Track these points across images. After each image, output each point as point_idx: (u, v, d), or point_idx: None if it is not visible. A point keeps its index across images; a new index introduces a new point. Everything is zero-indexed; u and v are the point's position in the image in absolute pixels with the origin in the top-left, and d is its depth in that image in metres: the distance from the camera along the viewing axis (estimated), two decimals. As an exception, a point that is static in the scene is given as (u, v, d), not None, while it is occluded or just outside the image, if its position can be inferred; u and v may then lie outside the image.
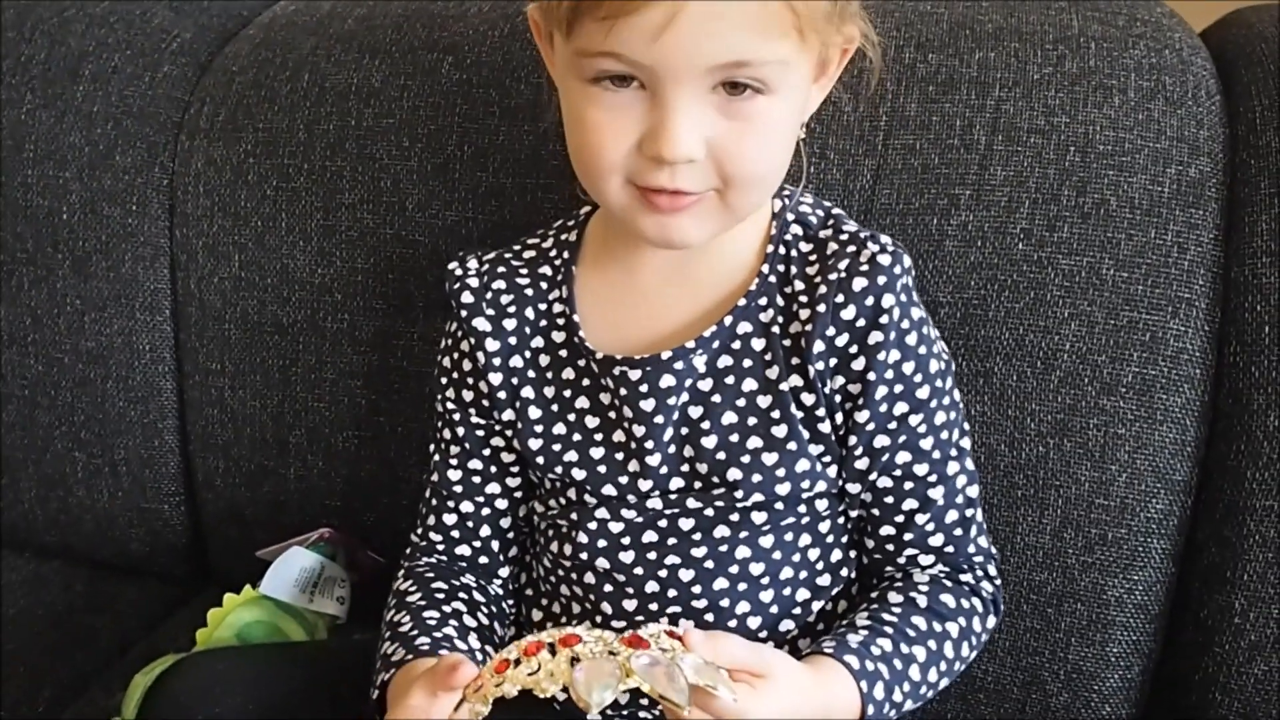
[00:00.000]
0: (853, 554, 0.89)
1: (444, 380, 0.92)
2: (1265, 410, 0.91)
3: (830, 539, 0.87)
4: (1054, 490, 0.95)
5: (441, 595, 0.89)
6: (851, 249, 0.83)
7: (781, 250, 0.85)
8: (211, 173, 1.13)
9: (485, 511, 0.92)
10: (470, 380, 0.90)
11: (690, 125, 0.74)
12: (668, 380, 0.84)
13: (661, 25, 0.71)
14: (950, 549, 0.87)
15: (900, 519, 0.86)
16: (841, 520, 0.88)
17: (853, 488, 0.86)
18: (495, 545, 0.93)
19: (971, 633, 0.86)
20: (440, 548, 0.93)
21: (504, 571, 0.94)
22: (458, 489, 0.92)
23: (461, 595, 0.90)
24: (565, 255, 0.90)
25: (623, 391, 0.85)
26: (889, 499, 0.86)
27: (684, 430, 0.85)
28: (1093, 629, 0.96)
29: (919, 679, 0.81)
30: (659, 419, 0.84)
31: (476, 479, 0.92)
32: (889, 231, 0.95)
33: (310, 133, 1.10)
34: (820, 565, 0.87)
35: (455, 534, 0.93)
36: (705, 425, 0.84)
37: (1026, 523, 0.95)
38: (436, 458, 0.93)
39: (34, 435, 1.20)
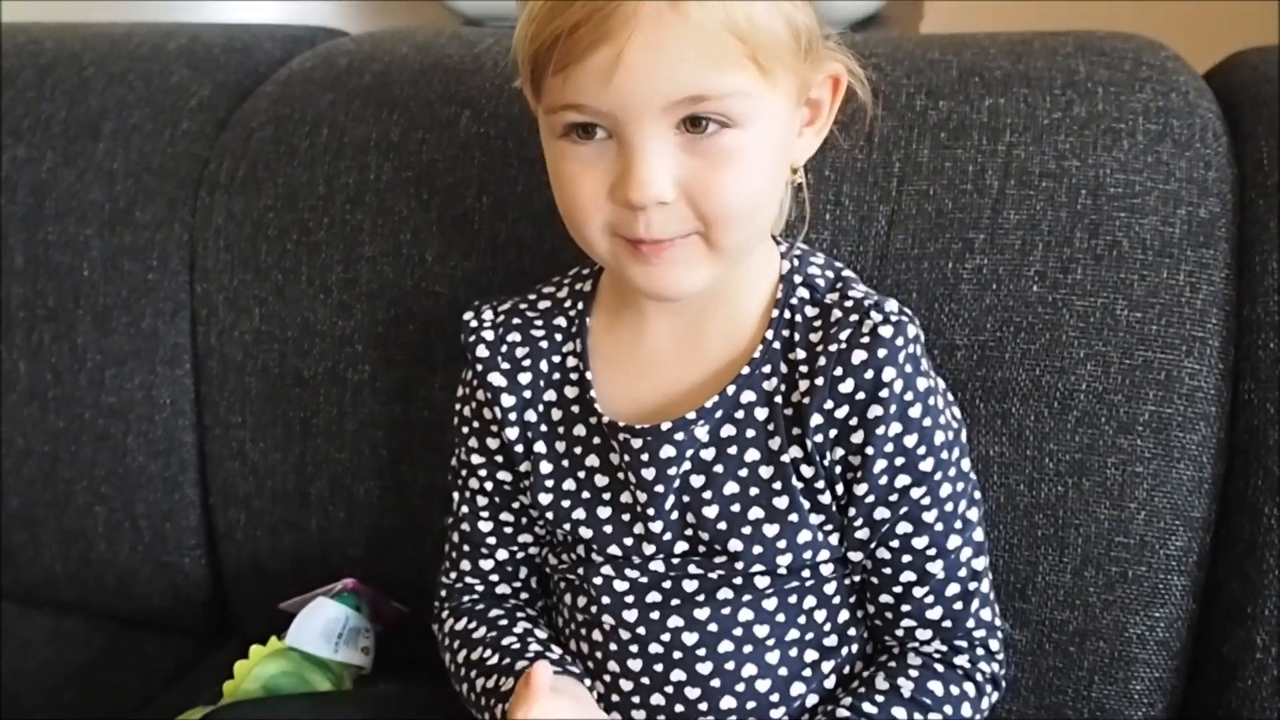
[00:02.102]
0: (860, 614, 0.89)
1: (465, 430, 0.92)
2: (1282, 446, 0.92)
3: (837, 600, 0.87)
4: (1074, 529, 0.95)
5: (505, 621, 0.90)
6: (854, 318, 0.82)
7: (787, 315, 0.84)
8: (232, 227, 1.14)
9: (520, 556, 0.93)
10: (494, 429, 0.90)
11: (656, 166, 0.74)
12: (668, 451, 0.84)
13: (609, 66, 0.71)
14: (948, 623, 0.86)
15: (898, 589, 0.85)
16: (848, 582, 0.87)
17: (854, 556, 0.85)
18: (534, 581, 0.94)
19: (960, 719, 0.85)
20: (479, 589, 0.94)
21: (541, 603, 0.95)
22: (491, 540, 0.93)
23: (520, 615, 0.91)
24: (580, 306, 0.90)
25: (626, 457, 0.85)
26: (887, 570, 0.85)
27: (685, 499, 0.84)
28: (1115, 667, 0.96)
29: None
30: (659, 488, 0.84)
31: (509, 529, 0.92)
32: (905, 276, 0.96)
33: (330, 186, 1.11)
34: (828, 627, 0.87)
35: (494, 577, 0.94)
36: (707, 495, 0.84)
37: (1047, 562, 0.96)
38: (465, 509, 0.93)
39: (55, 490, 1.21)
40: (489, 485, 0.92)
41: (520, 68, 0.78)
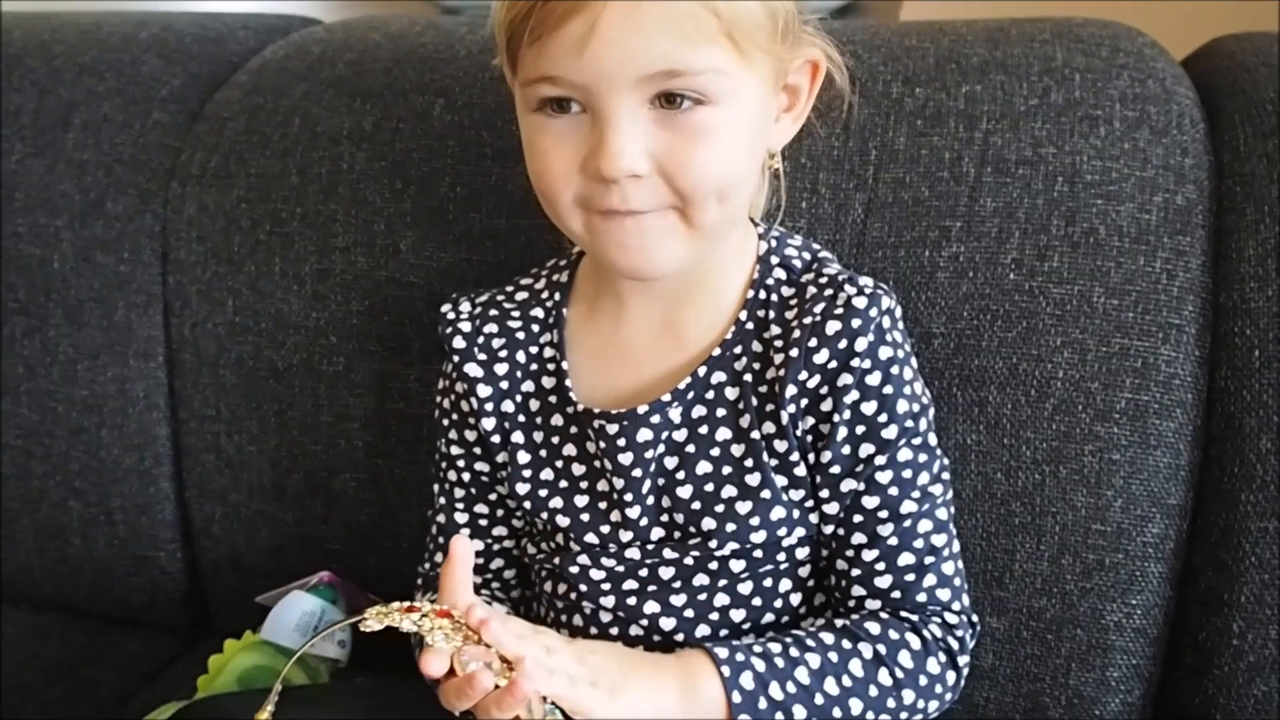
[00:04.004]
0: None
1: (445, 422, 0.92)
2: (1257, 433, 0.92)
3: (812, 583, 0.87)
4: (1051, 517, 0.95)
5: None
6: (829, 292, 0.83)
7: (762, 295, 0.85)
8: (204, 219, 1.13)
9: (496, 548, 0.93)
10: (471, 421, 0.90)
11: (628, 139, 0.74)
12: (645, 434, 0.84)
13: (583, 37, 0.72)
14: (897, 593, 0.83)
15: (850, 553, 0.84)
16: (822, 564, 0.87)
17: (828, 529, 0.85)
18: (508, 574, 0.94)
19: (895, 663, 0.80)
20: None
21: (515, 594, 0.95)
22: (466, 531, 0.93)
23: (484, 594, 0.92)
24: (557, 297, 0.90)
25: (602, 444, 0.85)
26: (840, 530, 0.84)
27: (660, 481, 0.85)
28: (1092, 654, 0.96)
29: (808, 684, 0.78)
30: (637, 472, 0.84)
31: (484, 521, 0.93)
32: (882, 264, 0.96)
33: (303, 177, 1.10)
34: (804, 610, 0.87)
35: None
36: (680, 475, 0.84)
37: (1024, 550, 0.96)
38: (442, 500, 0.94)
39: (29, 486, 1.20)
40: (466, 477, 0.92)
41: (496, 39, 0.78)
